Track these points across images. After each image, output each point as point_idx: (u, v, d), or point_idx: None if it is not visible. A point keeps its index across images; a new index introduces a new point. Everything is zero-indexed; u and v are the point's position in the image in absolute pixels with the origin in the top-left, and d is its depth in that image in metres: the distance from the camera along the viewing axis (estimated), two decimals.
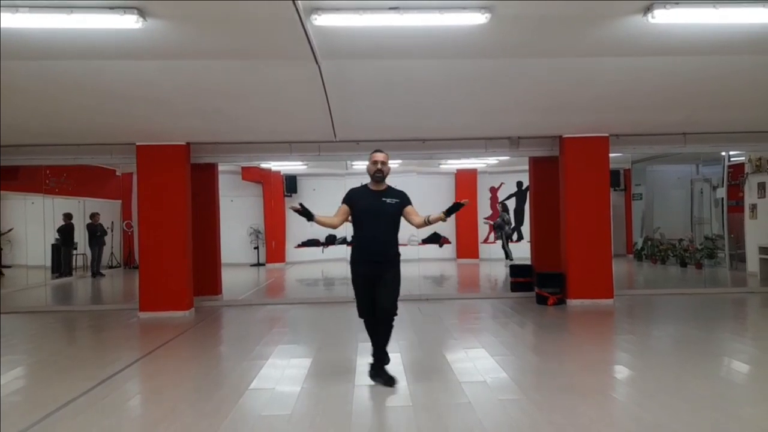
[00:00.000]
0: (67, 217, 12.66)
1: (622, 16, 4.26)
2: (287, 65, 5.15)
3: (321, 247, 15.27)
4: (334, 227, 4.67)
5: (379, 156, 4.58)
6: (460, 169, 15.23)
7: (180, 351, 6.22)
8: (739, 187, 11.17)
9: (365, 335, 4.79)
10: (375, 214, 4.51)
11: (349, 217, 4.65)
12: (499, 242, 14.40)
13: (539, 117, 7.40)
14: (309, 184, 15.42)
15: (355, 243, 4.66)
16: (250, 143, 8.56)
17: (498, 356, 5.39)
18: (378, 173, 4.56)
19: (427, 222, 4.53)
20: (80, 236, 13.08)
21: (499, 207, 14.75)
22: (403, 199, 4.63)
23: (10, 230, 12.15)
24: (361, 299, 4.62)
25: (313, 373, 4.95)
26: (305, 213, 4.46)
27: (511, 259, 13.75)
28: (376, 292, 4.51)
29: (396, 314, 4.56)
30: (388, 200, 4.56)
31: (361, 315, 4.68)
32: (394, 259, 4.60)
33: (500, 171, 15.18)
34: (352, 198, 4.65)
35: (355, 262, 4.63)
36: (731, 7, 4.09)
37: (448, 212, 4.41)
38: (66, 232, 12.64)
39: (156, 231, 8.14)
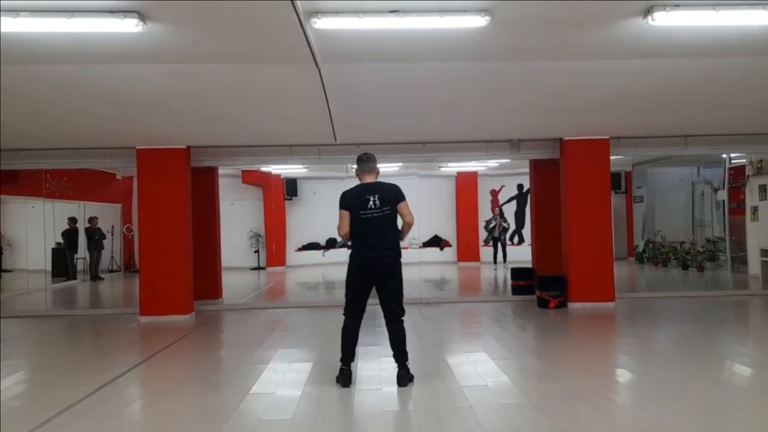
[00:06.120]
0: (72, 221, 12.68)
1: (621, 19, 4.26)
2: (287, 68, 5.15)
3: (321, 251, 15.27)
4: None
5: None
6: (461, 172, 15.23)
7: (180, 355, 6.21)
8: (740, 190, 11.14)
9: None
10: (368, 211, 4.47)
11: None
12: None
13: (540, 119, 7.39)
14: (309, 188, 15.43)
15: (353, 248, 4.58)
16: (251, 146, 8.55)
17: (499, 360, 5.37)
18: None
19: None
20: (80, 240, 13.08)
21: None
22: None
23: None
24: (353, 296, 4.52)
25: (314, 378, 4.92)
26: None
27: (495, 264, 13.97)
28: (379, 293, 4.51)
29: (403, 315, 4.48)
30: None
31: (346, 312, 4.55)
32: (395, 262, 4.52)
33: (501, 174, 15.19)
34: (346, 199, 4.57)
35: (353, 263, 4.55)
36: (731, 9, 4.10)
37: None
38: (71, 235, 12.64)
39: (156, 234, 8.13)
